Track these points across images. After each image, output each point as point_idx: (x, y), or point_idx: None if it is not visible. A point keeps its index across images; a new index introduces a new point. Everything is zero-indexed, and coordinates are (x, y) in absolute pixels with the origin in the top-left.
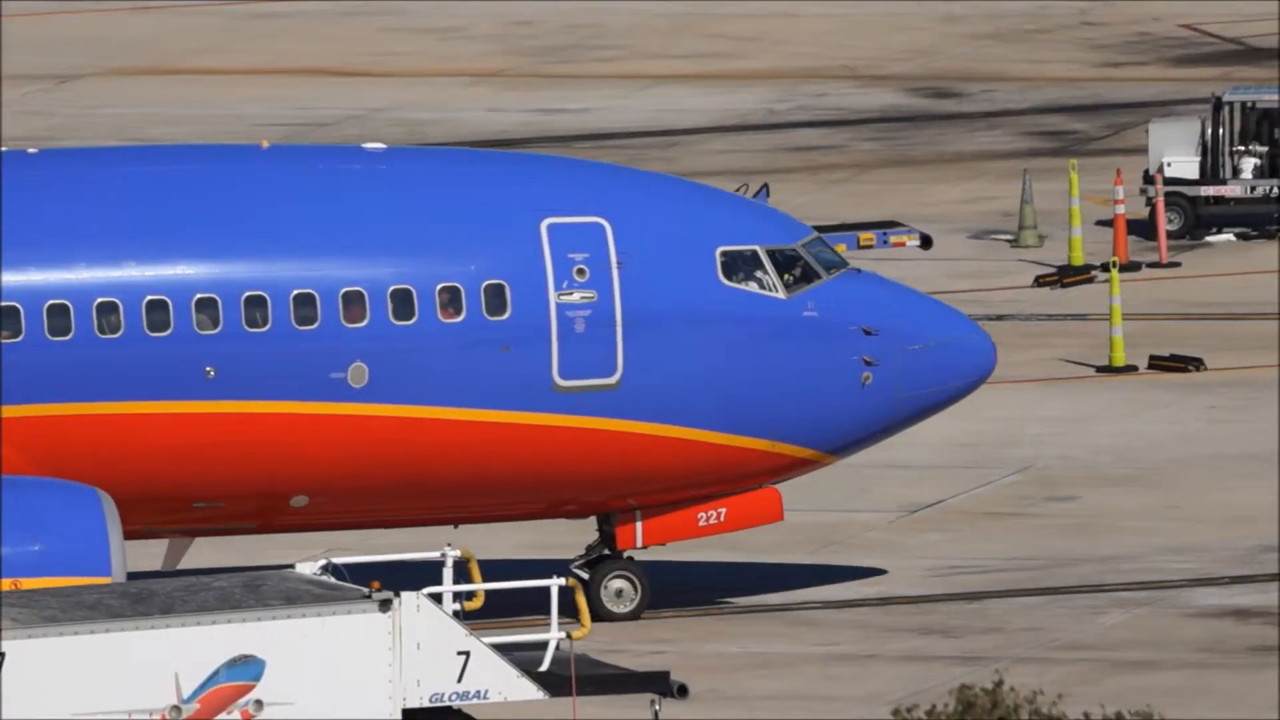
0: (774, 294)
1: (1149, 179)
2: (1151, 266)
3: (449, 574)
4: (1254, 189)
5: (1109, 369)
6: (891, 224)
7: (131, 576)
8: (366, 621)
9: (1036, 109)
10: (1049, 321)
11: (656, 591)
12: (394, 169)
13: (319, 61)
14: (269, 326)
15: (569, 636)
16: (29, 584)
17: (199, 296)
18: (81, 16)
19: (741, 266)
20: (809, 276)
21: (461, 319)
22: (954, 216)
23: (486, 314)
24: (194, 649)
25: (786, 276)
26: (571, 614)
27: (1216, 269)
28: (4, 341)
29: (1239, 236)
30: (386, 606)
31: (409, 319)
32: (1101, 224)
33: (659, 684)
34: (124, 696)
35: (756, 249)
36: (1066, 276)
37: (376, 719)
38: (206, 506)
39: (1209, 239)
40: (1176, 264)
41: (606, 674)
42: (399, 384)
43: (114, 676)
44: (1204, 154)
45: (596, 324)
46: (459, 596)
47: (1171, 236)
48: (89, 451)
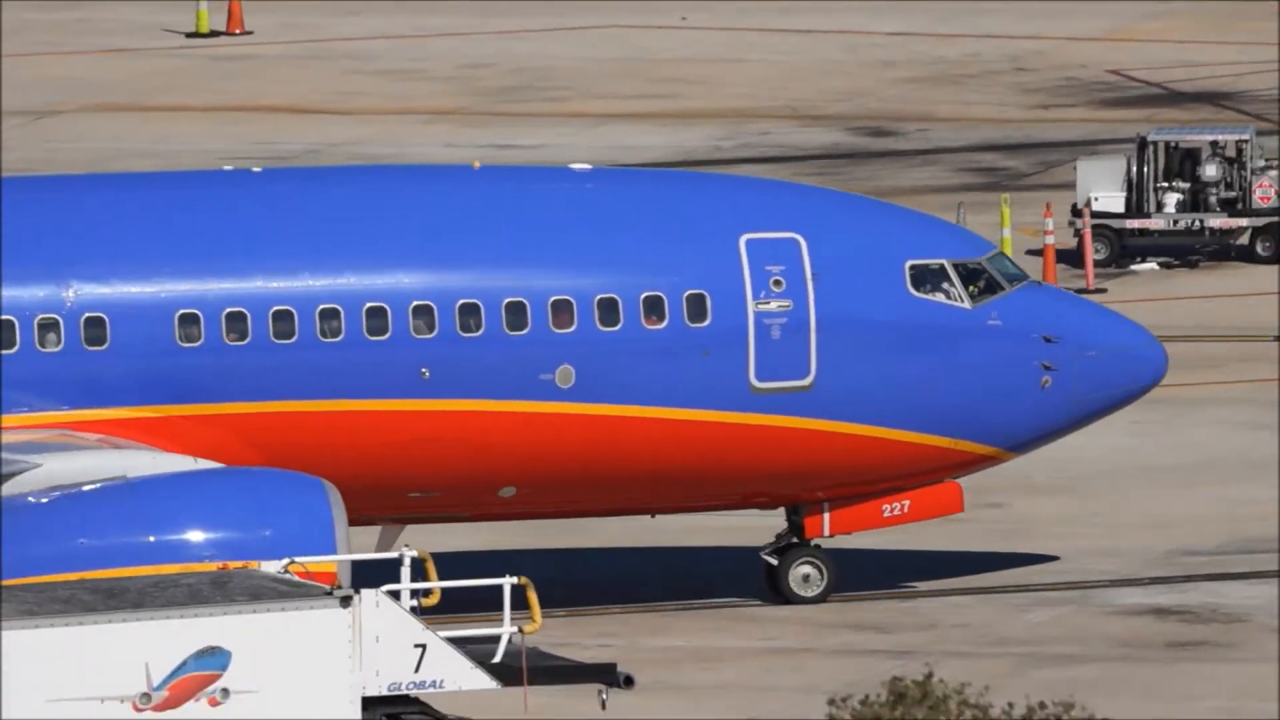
0: (960, 304)
1: (1077, 212)
2: (1080, 293)
3: (406, 573)
4: (1176, 222)
5: None
6: None
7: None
8: (328, 616)
9: (970, 147)
10: None
11: (607, 588)
12: (609, 185)
13: (281, 101)
14: (482, 331)
15: (521, 631)
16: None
17: (415, 304)
18: (56, 58)
19: (929, 279)
20: (993, 288)
21: (664, 325)
22: None
23: (688, 321)
24: (163, 641)
25: (971, 288)
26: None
27: (1140, 295)
28: (233, 344)
29: (1162, 266)
30: (347, 603)
31: (614, 325)
32: (1032, 253)
33: (606, 675)
34: (98, 684)
35: (943, 263)
36: None
37: (337, 707)
38: (421, 497)
39: (1134, 268)
40: (1103, 289)
41: (556, 665)
42: (606, 383)
43: (88, 666)
44: (1129, 189)
45: (792, 331)
46: (416, 593)
47: (1099, 265)
48: (315, 445)
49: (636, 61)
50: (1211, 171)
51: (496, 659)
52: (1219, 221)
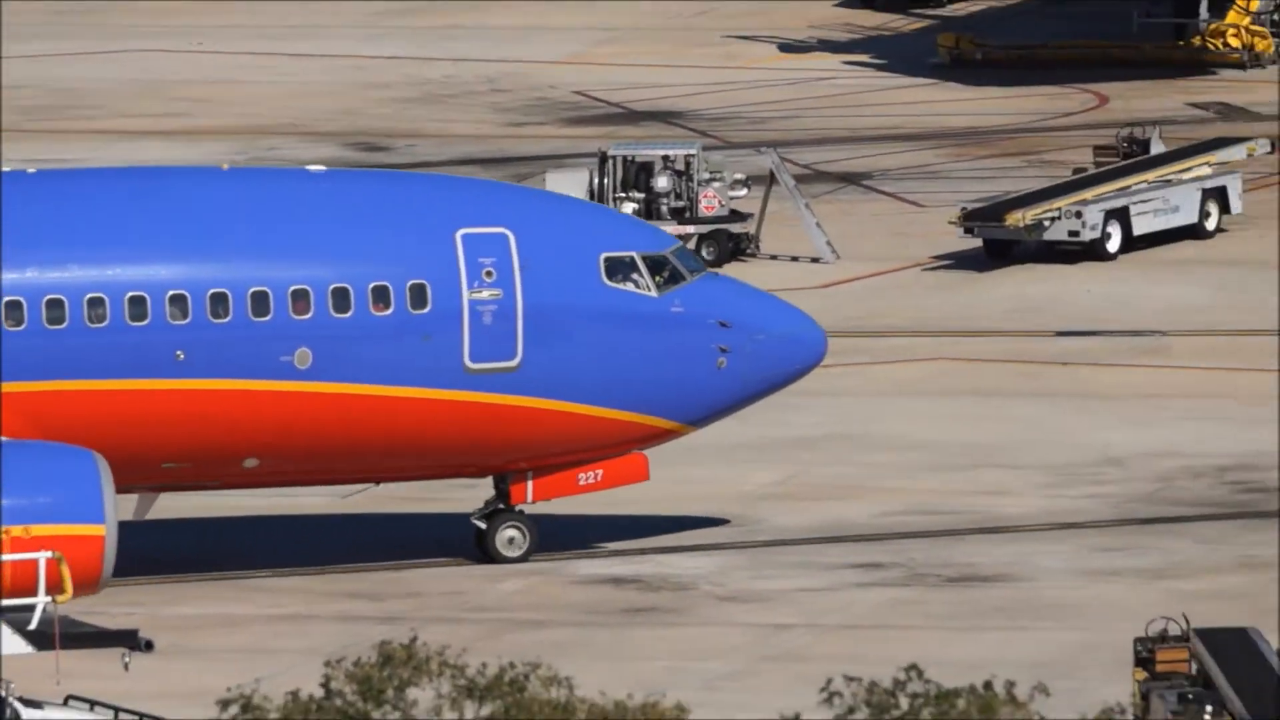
0: (647, 293)
1: None
2: None
3: None
4: None
5: None
6: None
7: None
8: None
9: (453, 161)
10: None
11: (131, 559)
12: (340, 182)
13: None
14: (230, 318)
15: (54, 600)
16: (40, 530)
17: (171, 292)
18: None
19: (621, 269)
20: (676, 278)
21: (390, 312)
22: None
23: (411, 308)
24: None
25: (658, 278)
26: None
27: None
28: (10, 329)
29: None
30: None
31: (346, 312)
32: None
33: (129, 640)
34: None
35: (634, 255)
36: None
37: None
38: (174, 467)
39: None
40: None
41: (85, 632)
42: (337, 366)
43: None
44: (591, 199)
45: (501, 317)
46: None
47: None
48: (83, 420)
49: (158, 83)
50: (663, 183)
51: (32, 626)
52: (671, 229)
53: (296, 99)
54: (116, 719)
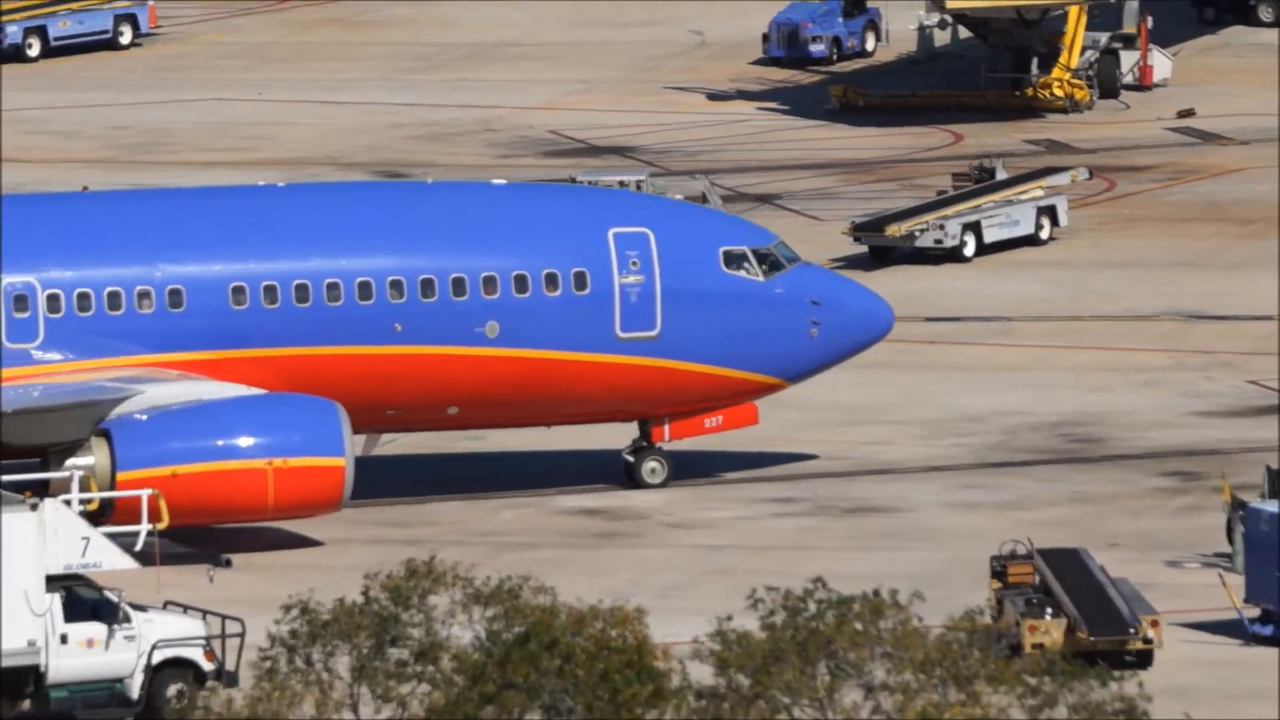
0: (756, 278)
1: None
2: None
3: (76, 486)
4: None
5: None
6: None
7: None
8: (22, 517)
9: None
10: None
11: None
12: (517, 193)
13: None
14: (435, 298)
15: (154, 528)
16: (296, 461)
17: (390, 279)
18: None
19: (735, 260)
20: (777, 266)
21: (559, 293)
22: None
23: (574, 290)
24: None
25: (764, 266)
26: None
27: None
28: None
29: None
30: (35, 508)
31: (525, 293)
32: None
33: (212, 559)
34: None
35: (745, 249)
36: None
37: (30, 580)
38: (394, 413)
39: None
40: None
41: (178, 552)
42: (518, 335)
43: None
44: None
45: (644, 297)
46: (84, 501)
47: None
48: (328, 377)
49: (227, 125)
50: None
51: (138, 548)
52: None
53: (335, 137)
54: (204, 619)
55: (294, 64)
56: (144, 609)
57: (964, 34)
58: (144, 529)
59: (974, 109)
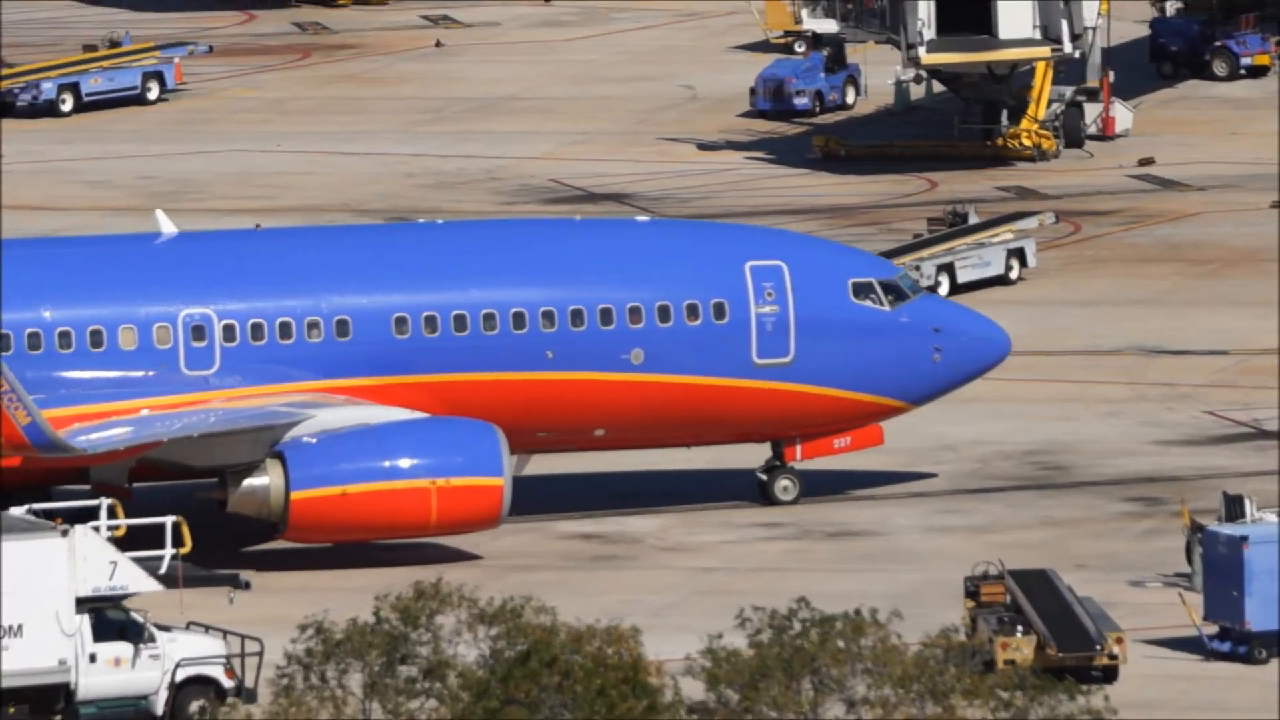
0: (883, 308)
1: None
2: None
3: (104, 514)
4: None
5: None
6: None
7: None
8: (54, 543)
9: None
10: None
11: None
12: (659, 229)
13: (19, 203)
14: (584, 328)
15: (178, 553)
16: (457, 481)
17: (542, 309)
18: None
19: (862, 291)
20: (902, 297)
21: (699, 323)
22: None
23: (714, 319)
24: None
25: (889, 297)
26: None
27: None
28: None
29: None
30: (66, 534)
31: (668, 323)
32: None
33: (233, 581)
34: None
35: (872, 280)
36: None
37: (61, 604)
38: (545, 436)
39: None
40: None
41: (200, 575)
42: (662, 362)
43: None
44: None
45: (779, 326)
46: (112, 528)
47: None
48: (483, 401)
49: (249, 174)
50: None
51: (162, 571)
52: None
53: (349, 185)
54: (225, 639)
55: (311, 117)
56: (168, 629)
57: (938, 88)
58: (168, 553)
59: (948, 158)
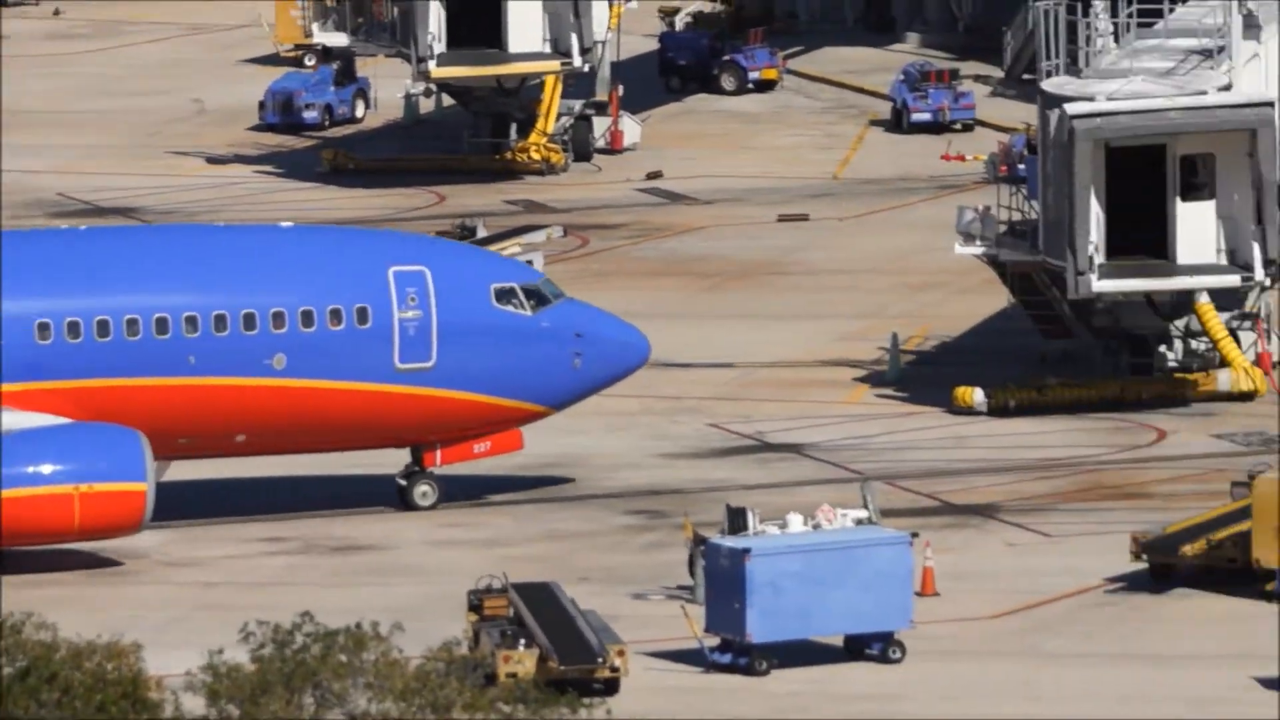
0: (524, 312)
1: None
2: None
3: None
4: None
5: None
6: None
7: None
8: None
9: None
10: None
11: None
12: (303, 234)
13: None
14: (227, 333)
15: None
16: (100, 487)
17: (186, 314)
18: None
19: (504, 295)
20: (544, 301)
21: (343, 327)
22: None
23: (357, 324)
24: None
25: (531, 302)
26: None
27: None
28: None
29: None
30: None
31: (311, 327)
32: None
33: None
34: None
35: (514, 285)
36: None
37: None
38: (185, 442)
39: None
40: None
41: None
42: (306, 366)
43: None
44: None
45: (421, 330)
46: None
47: None
48: (129, 407)
49: None
50: None
51: None
52: None
53: None
54: None
55: None
56: None
57: (448, 101)
58: None
59: (457, 171)
